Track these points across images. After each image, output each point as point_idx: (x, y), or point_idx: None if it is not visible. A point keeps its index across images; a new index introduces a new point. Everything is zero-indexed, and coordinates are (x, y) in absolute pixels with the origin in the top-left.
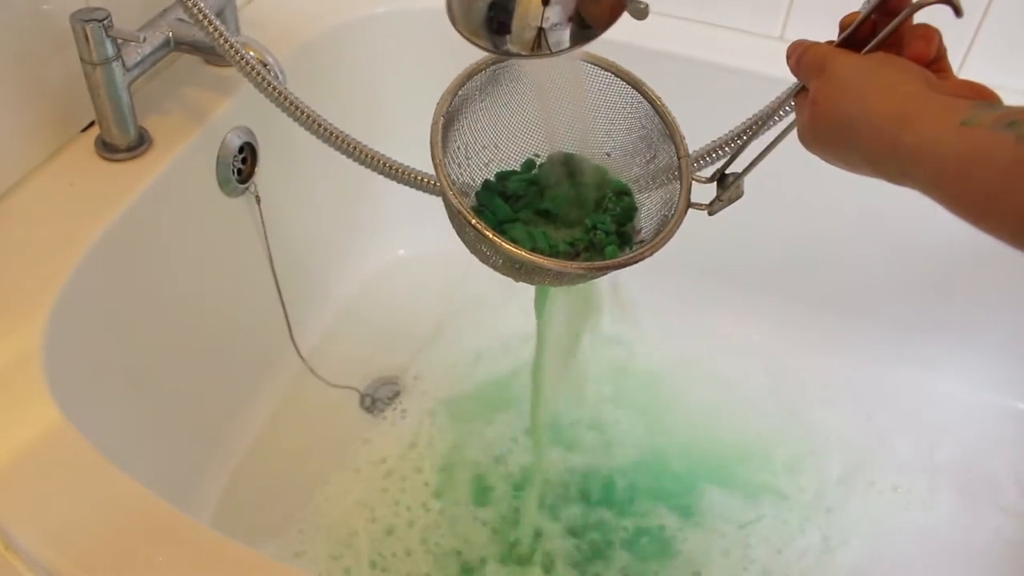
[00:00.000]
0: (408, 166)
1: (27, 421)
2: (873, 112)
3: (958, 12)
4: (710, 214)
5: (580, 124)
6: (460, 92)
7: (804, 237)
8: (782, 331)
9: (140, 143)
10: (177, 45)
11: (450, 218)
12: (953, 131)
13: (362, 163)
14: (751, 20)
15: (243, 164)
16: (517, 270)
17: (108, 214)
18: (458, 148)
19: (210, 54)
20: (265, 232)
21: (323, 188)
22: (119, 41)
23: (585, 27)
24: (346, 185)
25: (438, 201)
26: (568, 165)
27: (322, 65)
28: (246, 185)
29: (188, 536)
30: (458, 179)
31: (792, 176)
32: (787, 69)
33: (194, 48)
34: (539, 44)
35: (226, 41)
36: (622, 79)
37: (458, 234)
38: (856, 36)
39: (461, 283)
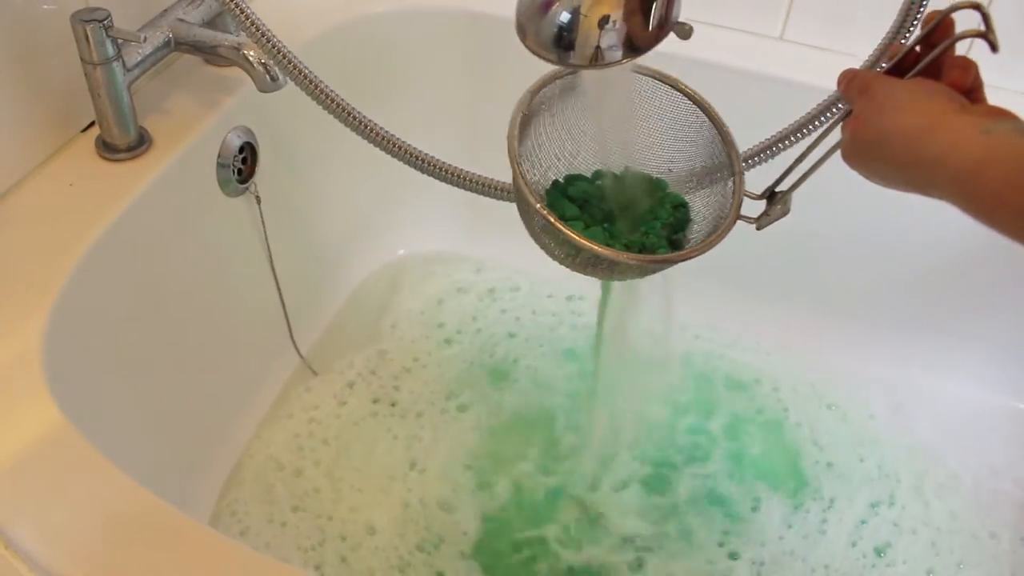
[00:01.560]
0: (435, 158)
1: (27, 421)
2: (905, 126)
3: (994, 48)
4: (758, 228)
5: (646, 138)
6: (539, 95)
7: (804, 238)
8: (781, 331)
9: (140, 143)
10: (177, 45)
11: (519, 207)
12: (973, 139)
13: (407, 162)
14: (751, 20)
15: (243, 164)
16: (574, 259)
17: (108, 214)
18: (531, 148)
19: (210, 54)
20: (265, 232)
21: (323, 188)
22: (119, 41)
23: (635, 46)
24: (346, 185)
25: (438, 201)
26: (632, 178)
27: (322, 65)
28: (246, 185)
29: (188, 536)
30: (528, 176)
31: None
32: (790, 70)
33: (194, 48)
34: (596, 59)
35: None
36: (688, 97)
37: (525, 224)
38: (901, 65)
39: (461, 282)
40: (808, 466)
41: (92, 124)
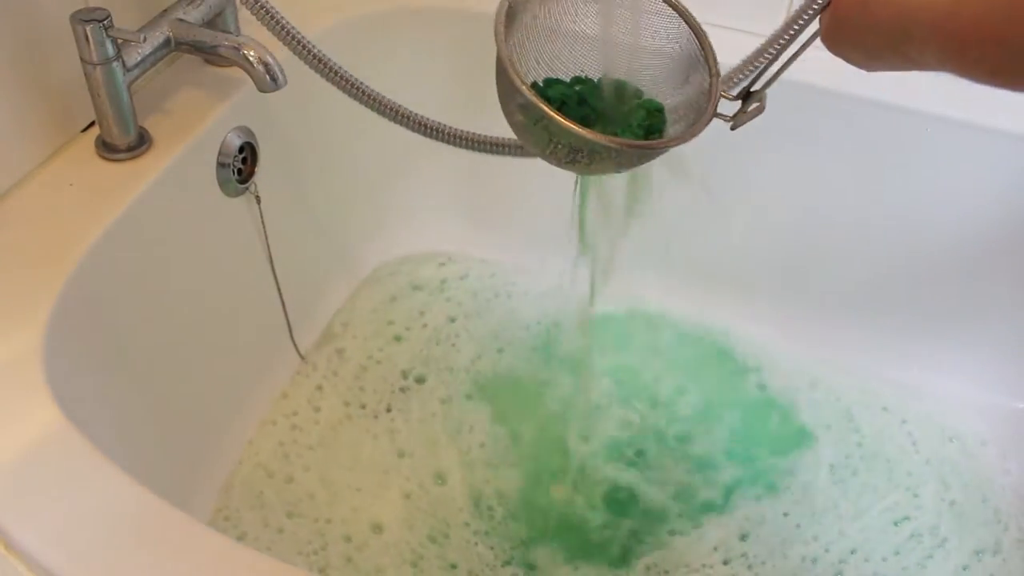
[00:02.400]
0: (449, 125)
1: (27, 421)
2: None
3: None
4: (733, 127)
5: (624, 44)
6: None
7: (804, 238)
8: (781, 331)
9: (140, 143)
10: (177, 45)
11: (502, 95)
12: None
13: (421, 132)
14: (751, 20)
15: (243, 164)
16: (554, 147)
17: (108, 214)
18: (512, 49)
19: (210, 54)
20: (265, 232)
21: (323, 188)
22: (119, 41)
23: None
24: (346, 185)
25: (437, 200)
26: (609, 84)
27: None
28: (246, 185)
29: (188, 536)
30: (515, 60)
31: (793, 176)
32: (790, 70)
33: (194, 48)
34: None
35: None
36: (669, 5)
37: (505, 115)
38: None
39: (461, 282)
40: (798, 462)
41: (92, 124)
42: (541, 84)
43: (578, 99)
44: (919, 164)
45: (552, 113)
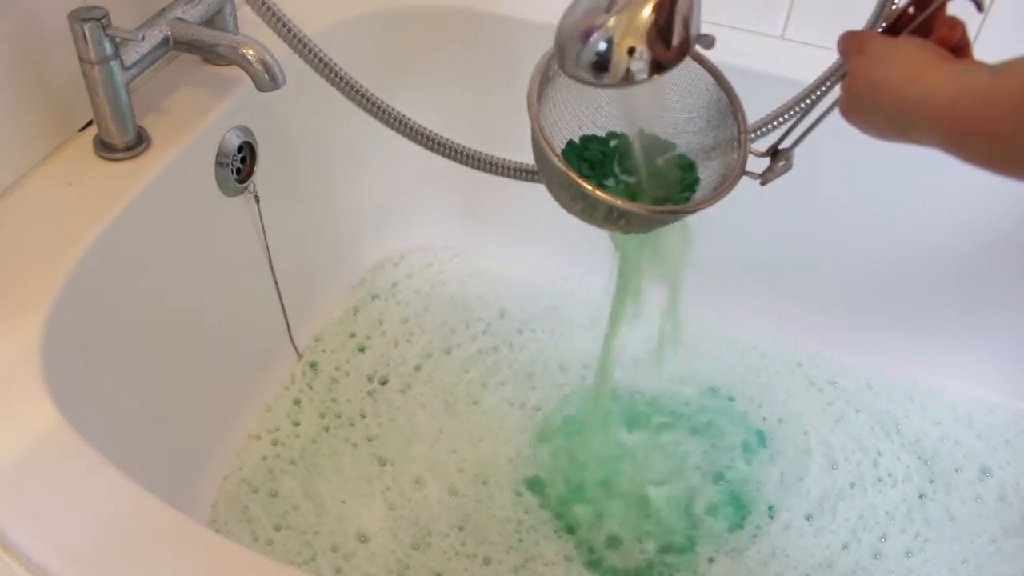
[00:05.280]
0: (450, 139)
1: (26, 421)
2: (892, 76)
3: (979, 7)
4: (762, 183)
5: (656, 101)
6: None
7: (806, 237)
8: (782, 330)
9: (139, 143)
10: (176, 44)
11: (539, 165)
12: (950, 80)
13: (422, 144)
14: (753, 20)
15: (242, 164)
16: (592, 213)
17: (107, 214)
18: (547, 110)
19: (209, 53)
20: (264, 232)
21: (322, 187)
22: (117, 40)
23: (661, 65)
24: (345, 184)
25: (437, 199)
26: (643, 140)
27: None
28: (245, 185)
29: (187, 536)
30: (548, 133)
31: (796, 178)
32: (788, 68)
33: (193, 47)
34: (627, 79)
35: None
36: (696, 61)
37: (544, 180)
38: (896, 26)
39: (460, 282)
40: (799, 462)
41: (90, 123)
42: (577, 142)
43: (614, 156)
44: (920, 163)
45: (584, 184)
